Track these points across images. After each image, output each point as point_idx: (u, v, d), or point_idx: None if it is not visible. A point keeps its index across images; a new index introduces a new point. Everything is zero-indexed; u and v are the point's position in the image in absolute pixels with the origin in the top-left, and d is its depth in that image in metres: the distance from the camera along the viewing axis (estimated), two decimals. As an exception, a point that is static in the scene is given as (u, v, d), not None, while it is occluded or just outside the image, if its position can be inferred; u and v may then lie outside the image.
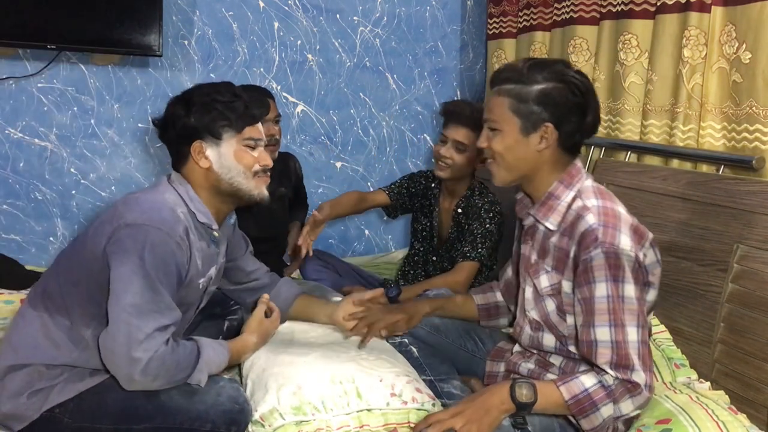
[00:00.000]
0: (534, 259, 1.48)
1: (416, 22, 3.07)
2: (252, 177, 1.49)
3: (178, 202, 1.44)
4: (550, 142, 1.38)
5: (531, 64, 1.38)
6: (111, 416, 1.37)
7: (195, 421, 1.37)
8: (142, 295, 1.31)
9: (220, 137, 1.46)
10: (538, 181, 1.44)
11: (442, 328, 1.71)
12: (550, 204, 1.42)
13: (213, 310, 1.83)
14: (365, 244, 3.19)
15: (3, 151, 2.56)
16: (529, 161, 1.41)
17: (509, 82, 1.39)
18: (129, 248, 1.33)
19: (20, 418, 1.36)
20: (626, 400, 1.28)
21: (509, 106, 1.38)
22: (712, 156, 1.94)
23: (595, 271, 1.31)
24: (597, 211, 1.34)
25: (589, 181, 1.42)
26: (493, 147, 1.42)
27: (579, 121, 1.38)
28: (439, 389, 1.62)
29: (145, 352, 1.30)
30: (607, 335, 1.30)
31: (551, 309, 1.44)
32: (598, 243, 1.30)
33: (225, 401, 1.39)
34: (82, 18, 2.43)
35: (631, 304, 1.30)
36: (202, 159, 1.47)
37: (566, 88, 1.36)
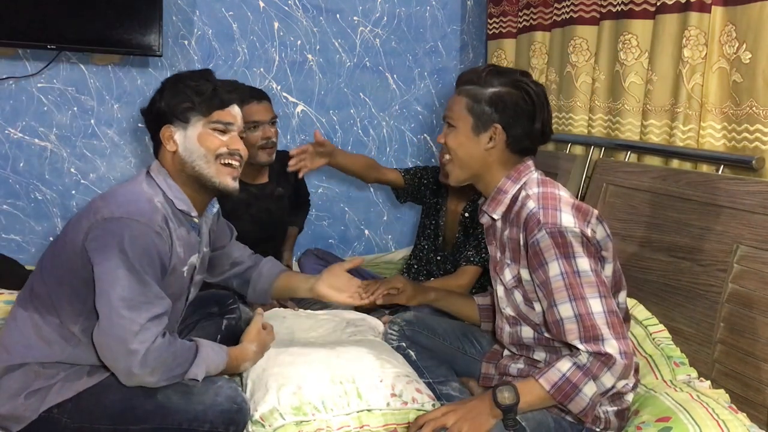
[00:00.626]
0: (498, 256, 1.53)
1: (416, 22, 3.07)
2: (214, 161, 1.46)
3: (155, 192, 1.44)
4: (497, 142, 1.45)
5: (490, 69, 1.48)
6: (109, 417, 1.37)
7: (193, 422, 1.37)
8: (131, 288, 1.31)
9: (187, 121, 1.46)
10: (488, 179, 1.50)
11: (439, 331, 1.72)
12: (499, 198, 1.48)
13: (211, 309, 1.84)
14: (365, 244, 3.19)
15: (3, 151, 2.56)
16: (477, 159, 1.48)
17: (469, 83, 1.48)
18: (109, 243, 1.32)
19: (18, 419, 1.36)
20: (605, 373, 1.30)
21: (465, 105, 1.47)
22: (712, 156, 1.93)
23: (545, 253, 1.35)
24: (536, 196, 1.41)
25: (536, 174, 1.48)
26: (448, 142, 1.50)
27: (528, 126, 1.45)
28: (437, 392, 1.63)
29: (142, 344, 1.30)
30: (570, 311, 1.32)
31: (519, 301, 1.47)
32: (541, 225, 1.35)
33: (223, 401, 1.39)
34: (82, 18, 2.43)
35: (588, 276, 1.33)
36: (170, 143, 1.47)
37: (518, 94, 1.44)
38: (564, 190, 1.45)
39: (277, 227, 2.34)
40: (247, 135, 2.08)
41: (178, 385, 1.39)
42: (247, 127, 2.07)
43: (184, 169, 1.47)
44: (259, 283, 1.75)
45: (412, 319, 1.74)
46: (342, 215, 3.12)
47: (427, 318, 1.78)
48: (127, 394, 1.38)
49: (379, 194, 3.15)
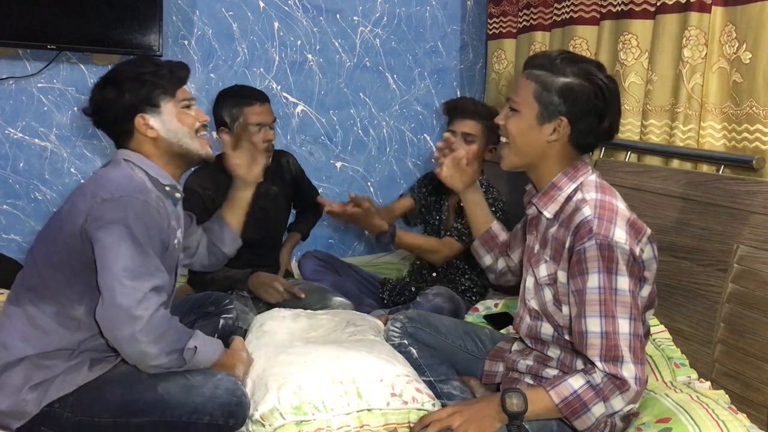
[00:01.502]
0: (536, 249, 1.50)
1: (416, 22, 3.07)
2: (195, 136, 1.55)
3: (140, 174, 1.49)
4: (561, 135, 1.39)
5: (565, 57, 1.39)
6: (110, 410, 1.39)
7: (193, 414, 1.39)
8: (133, 259, 1.36)
9: (158, 105, 1.50)
10: (543, 171, 1.45)
11: (442, 329, 1.71)
12: (552, 194, 1.44)
13: (207, 308, 1.86)
14: (365, 244, 3.19)
15: (3, 151, 2.56)
16: (537, 149, 1.42)
17: (540, 69, 1.40)
18: (112, 219, 1.36)
19: (20, 414, 1.37)
20: (616, 396, 1.29)
21: (533, 91, 1.40)
22: (712, 156, 1.93)
23: (588, 263, 1.31)
24: (594, 203, 1.35)
25: (594, 176, 1.43)
26: (508, 126, 1.45)
27: (595, 123, 1.39)
28: (438, 390, 1.63)
29: (146, 310, 1.34)
30: (598, 326, 1.30)
31: (548, 299, 1.45)
32: (593, 234, 1.31)
33: (223, 394, 1.41)
34: (82, 18, 2.43)
35: (624, 296, 1.30)
36: (148, 130, 1.50)
37: (591, 89, 1.36)
38: (621, 201, 1.39)
39: (273, 226, 2.34)
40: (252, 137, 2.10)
41: (178, 378, 1.41)
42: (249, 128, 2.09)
43: (170, 149, 1.53)
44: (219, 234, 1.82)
45: (414, 316, 1.74)
46: (342, 215, 3.11)
47: (430, 315, 1.78)
48: (128, 387, 1.40)
49: (379, 194, 3.15)
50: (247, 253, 2.24)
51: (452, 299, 2.08)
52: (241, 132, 1.89)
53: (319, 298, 2.14)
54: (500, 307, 2.23)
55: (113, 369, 1.44)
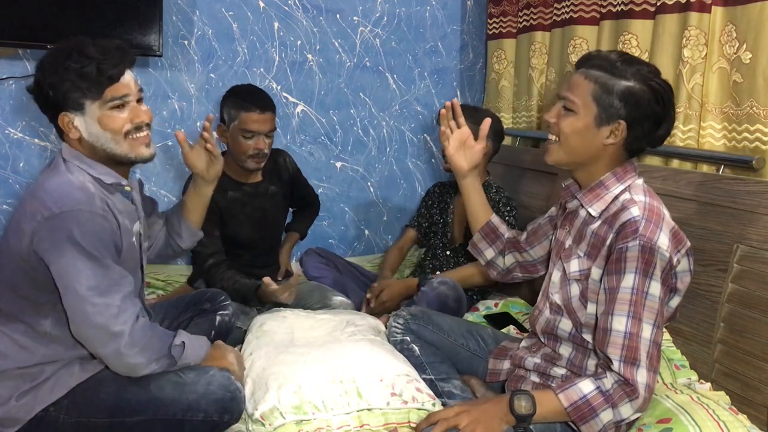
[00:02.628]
0: (568, 244, 1.49)
1: (416, 22, 3.07)
2: (124, 140, 1.41)
3: (81, 176, 1.39)
4: (618, 138, 1.38)
5: (625, 59, 1.38)
6: (105, 410, 1.39)
7: (187, 412, 1.39)
8: (95, 275, 1.31)
9: (81, 107, 1.38)
10: (592, 171, 1.44)
11: (444, 327, 1.71)
12: (598, 192, 1.42)
13: (203, 306, 1.85)
14: (365, 244, 3.19)
15: (3, 151, 2.56)
16: (590, 151, 1.41)
17: (599, 69, 1.38)
18: (58, 239, 1.30)
19: (13, 421, 1.37)
20: (625, 404, 1.28)
21: (592, 93, 1.37)
22: (712, 156, 1.93)
23: (628, 262, 1.31)
24: (643, 206, 1.35)
25: (641, 180, 1.43)
26: (561, 126, 1.42)
27: (651, 128, 1.38)
28: (439, 388, 1.63)
29: (125, 324, 1.32)
30: (623, 326, 1.30)
31: (575, 294, 1.44)
32: (638, 235, 1.30)
33: (216, 390, 1.41)
34: (82, 18, 2.43)
35: (653, 302, 1.30)
36: (71, 130, 1.40)
37: (651, 93, 1.35)
38: (666, 210, 1.39)
39: (271, 226, 2.33)
40: (239, 140, 2.08)
41: (170, 376, 1.41)
42: (242, 133, 2.07)
43: (95, 152, 1.42)
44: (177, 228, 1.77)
45: (417, 313, 1.73)
46: (342, 215, 3.12)
47: (432, 313, 1.78)
48: (122, 386, 1.39)
49: (379, 194, 3.15)
50: (247, 254, 2.24)
51: (456, 288, 2.08)
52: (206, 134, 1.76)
53: (320, 298, 2.14)
54: (500, 307, 2.24)
55: (106, 368, 1.43)
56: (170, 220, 1.79)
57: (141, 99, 1.46)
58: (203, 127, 1.73)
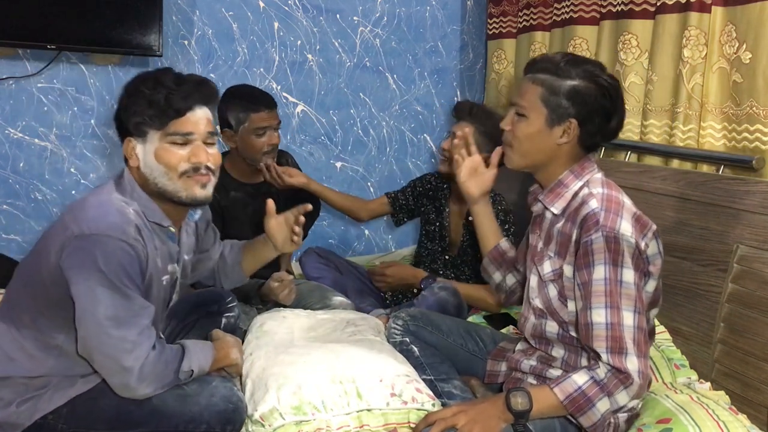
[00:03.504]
0: (540, 247, 1.50)
1: (416, 22, 3.07)
2: (178, 178, 1.37)
3: (128, 201, 1.36)
4: (571, 137, 1.41)
5: (569, 59, 1.41)
6: (105, 421, 1.37)
7: (189, 424, 1.37)
8: (114, 305, 1.28)
9: (143, 135, 1.36)
10: (550, 171, 1.46)
11: (443, 328, 1.71)
12: (558, 191, 1.45)
13: (210, 308, 1.84)
14: (365, 244, 3.19)
15: (3, 151, 2.56)
16: (546, 152, 1.44)
17: (544, 72, 1.41)
18: (84, 261, 1.27)
19: (12, 426, 1.36)
20: (620, 392, 1.29)
21: (540, 96, 1.41)
22: (712, 156, 1.93)
23: (595, 254, 1.32)
24: (601, 197, 1.37)
25: (600, 174, 1.45)
26: (515, 132, 1.45)
27: (602, 123, 1.41)
28: (439, 389, 1.62)
29: (136, 360, 1.29)
30: (603, 317, 1.31)
31: (553, 295, 1.45)
32: (599, 226, 1.32)
33: (219, 401, 1.39)
34: (82, 18, 2.43)
35: (629, 289, 1.31)
36: (132, 157, 1.38)
37: (597, 89, 1.38)
38: (627, 198, 1.41)
39: None
40: (253, 141, 2.10)
41: (173, 388, 1.39)
42: (255, 133, 2.09)
43: (147, 185, 1.39)
44: (228, 270, 1.76)
45: (416, 315, 1.74)
46: (342, 215, 3.10)
47: (432, 314, 1.78)
48: (123, 398, 1.36)
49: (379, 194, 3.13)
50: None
51: (457, 295, 2.08)
52: (295, 216, 1.71)
53: (320, 298, 2.14)
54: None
55: None
56: (225, 259, 1.76)
57: (212, 143, 1.41)
58: (297, 215, 1.68)
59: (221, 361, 1.51)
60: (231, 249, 1.78)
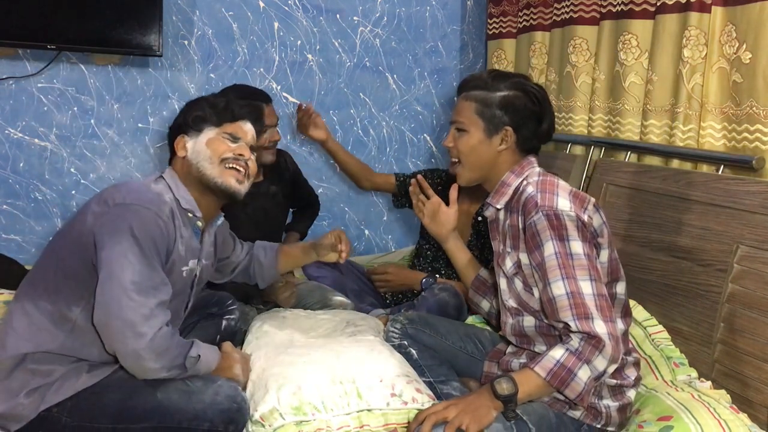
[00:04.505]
0: (501, 249, 1.57)
1: (416, 22, 3.07)
2: (218, 164, 1.53)
3: (164, 189, 1.50)
4: (509, 143, 1.54)
5: (495, 74, 1.56)
6: (109, 416, 1.38)
7: (193, 421, 1.38)
8: (141, 272, 1.35)
9: (200, 130, 1.55)
10: (495, 177, 1.58)
11: (441, 331, 1.72)
12: (502, 191, 1.56)
13: (210, 309, 1.86)
14: (365, 244, 3.19)
15: (3, 151, 2.56)
16: (489, 160, 1.56)
17: (476, 89, 1.55)
18: (119, 227, 1.36)
19: (17, 417, 1.37)
20: (597, 357, 1.33)
21: (475, 110, 1.54)
22: (712, 156, 1.93)
23: (541, 234, 1.40)
24: (535, 183, 1.49)
25: (538, 169, 1.56)
26: (458, 146, 1.58)
27: (535, 126, 1.55)
28: (438, 391, 1.63)
29: (151, 328, 1.34)
30: (562, 289, 1.37)
31: (520, 288, 1.51)
32: (539, 207, 1.42)
33: (223, 400, 1.40)
34: (82, 18, 2.43)
35: (580, 259, 1.38)
36: (181, 149, 1.55)
37: (525, 97, 1.53)
38: (561, 180, 1.51)
39: (272, 226, 2.34)
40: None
41: (178, 384, 1.40)
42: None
43: (190, 171, 1.54)
44: (264, 274, 1.88)
45: (414, 318, 1.74)
46: (342, 215, 3.12)
47: (430, 317, 1.79)
48: (127, 393, 1.39)
49: (379, 194, 3.15)
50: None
51: (457, 296, 2.07)
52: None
53: (320, 298, 2.14)
54: (500, 307, 2.24)
55: (112, 374, 1.43)
56: (261, 261, 1.88)
57: (254, 150, 1.62)
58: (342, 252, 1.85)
59: (224, 371, 1.52)
60: (266, 253, 1.89)
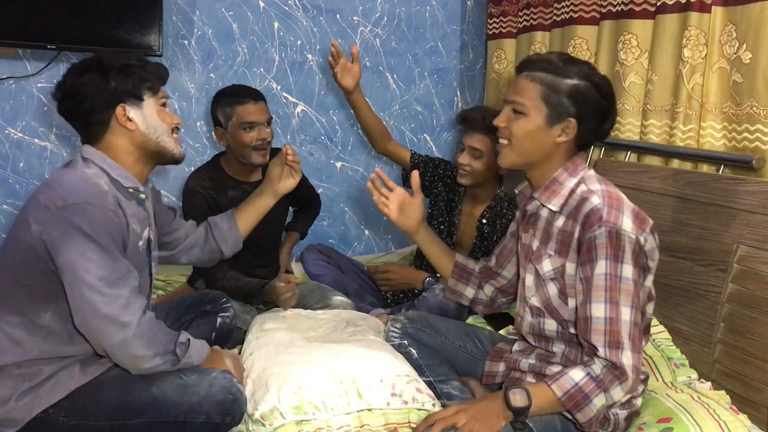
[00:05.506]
0: (536, 246, 1.50)
1: (416, 22, 3.07)
2: (171, 134, 1.52)
3: (98, 174, 1.43)
4: (569, 136, 1.42)
5: (566, 59, 1.42)
6: (106, 412, 1.38)
7: (189, 414, 1.39)
8: (105, 266, 1.33)
9: (141, 99, 1.47)
10: (545, 169, 1.47)
11: (441, 330, 1.72)
12: (554, 188, 1.45)
13: (205, 308, 1.86)
14: (365, 244, 3.19)
15: (3, 151, 2.56)
16: (543, 150, 1.44)
17: (543, 71, 1.41)
18: (69, 231, 1.32)
19: (12, 422, 1.36)
20: (615, 387, 1.31)
21: (540, 94, 1.40)
22: (712, 156, 1.94)
23: (598, 249, 1.34)
24: (601, 194, 1.39)
25: (592, 171, 1.48)
26: (512, 128, 1.44)
27: (598, 123, 1.43)
28: (438, 390, 1.63)
29: (133, 315, 1.34)
30: (602, 311, 1.33)
31: (553, 293, 1.46)
32: (602, 222, 1.34)
33: (218, 392, 1.41)
34: (82, 18, 2.43)
35: (628, 284, 1.33)
36: (127, 122, 1.46)
37: (595, 90, 1.40)
38: (626, 197, 1.43)
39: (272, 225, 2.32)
40: (241, 135, 2.08)
41: (172, 378, 1.40)
42: (242, 127, 2.07)
43: (145, 145, 1.49)
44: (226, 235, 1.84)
45: (414, 317, 1.74)
46: (342, 215, 3.12)
47: (430, 317, 1.78)
48: (123, 389, 1.39)
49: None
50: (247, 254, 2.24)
51: None
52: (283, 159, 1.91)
53: (320, 298, 2.14)
54: (500, 307, 2.23)
55: (107, 372, 1.43)
56: (218, 225, 1.85)
57: None
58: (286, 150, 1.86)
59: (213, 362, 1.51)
60: (221, 217, 1.86)
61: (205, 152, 2.80)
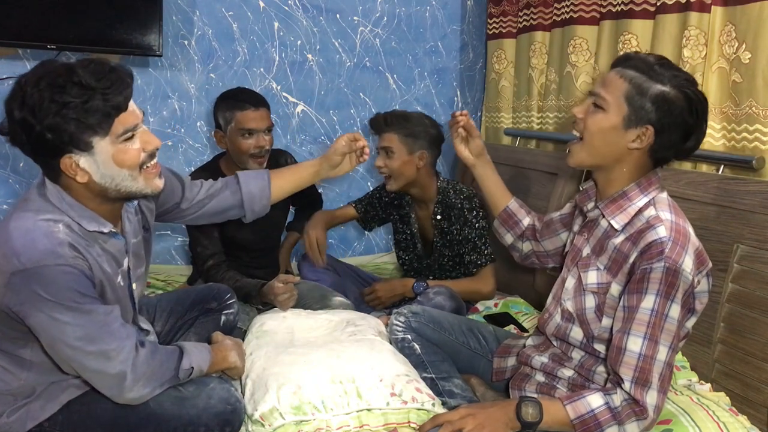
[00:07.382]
0: (586, 253, 1.46)
1: (416, 22, 3.07)
2: (140, 173, 1.29)
3: (54, 219, 1.25)
4: (643, 144, 1.33)
5: (663, 63, 1.33)
6: (102, 426, 1.36)
7: (188, 426, 1.37)
8: (79, 325, 1.24)
9: (90, 147, 1.22)
10: (614, 177, 1.39)
11: (445, 325, 1.72)
12: (621, 203, 1.38)
13: (209, 305, 1.84)
14: (365, 244, 3.19)
15: (3, 151, 2.56)
16: (614, 153, 1.36)
17: (635, 70, 1.33)
18: (30, 298, 1.21)
19: None
20: (631, 422, 1.28)
21: (625, 92, 1.32)
22: (712, 156, 1.93)
23: (651, 282, 1.28)
24: (670, 225, 1.31)
25: (665, 194, 1.39)
26: (587, 122, 1.37)
27: (679, 139, 1.33)
28: (440, 387, 1.63)
29: (124, 363, 1.28)
30: (638, 347, 1.28)
31: (590, 306, 1.41)
32: (663, 257, 1.27)
33: (216, 403, 1.39)
34: (82, 18, 2.43)
35: (672, 324, 1.28)
36: (78, 173, 1.24)
37: (686, 102, 1.30)
38: (691, 227, 1.36)
39: (271, 227, 2.33)
40: (239, 141, 2.07)
41: (170, 391, 1.38)
42: (240, 133, 2.07)
43: (106, 193, 1.29)
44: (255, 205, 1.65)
45: (418, 311, 1.74)
46: (342, 215, 3.11)
47: (434, 312, 1.78)
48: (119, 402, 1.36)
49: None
50: (246, 255, 2.24)
51: (454, 297, 2.08)
52: None
53: (319, 298, 2.14)
54: (500, 307, 2.24)
55: None
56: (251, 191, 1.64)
57: None
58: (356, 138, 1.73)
59: (219, 363, 1.50)
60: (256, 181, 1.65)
61: (205, 152, 2.80)
